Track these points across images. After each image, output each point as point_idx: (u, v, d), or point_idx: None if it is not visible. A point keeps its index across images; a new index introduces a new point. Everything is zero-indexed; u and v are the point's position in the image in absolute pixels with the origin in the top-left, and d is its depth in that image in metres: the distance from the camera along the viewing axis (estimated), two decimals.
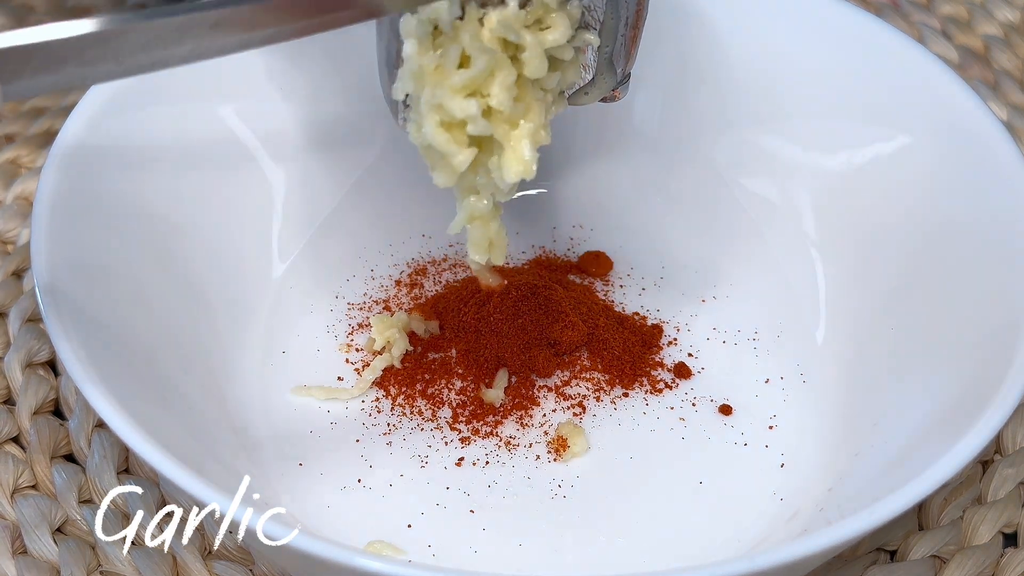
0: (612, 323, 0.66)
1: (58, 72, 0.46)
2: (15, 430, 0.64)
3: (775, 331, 0.66)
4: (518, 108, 0.54)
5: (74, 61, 0.46)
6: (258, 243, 0.66)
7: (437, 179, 0.55)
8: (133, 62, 0.48)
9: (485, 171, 0.56)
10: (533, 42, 0.54)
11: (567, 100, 0.58)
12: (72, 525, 0.61)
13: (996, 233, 0.59)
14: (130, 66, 0.48)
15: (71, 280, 0.55)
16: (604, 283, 0.68)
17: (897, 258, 0.63)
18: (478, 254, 0.58)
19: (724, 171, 0.69)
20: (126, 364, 0.56)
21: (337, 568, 0.49)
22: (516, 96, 0.54)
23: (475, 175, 0.56)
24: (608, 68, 0.58)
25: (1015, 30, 0.81)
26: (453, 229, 0.58)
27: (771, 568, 0.49)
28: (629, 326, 0.66)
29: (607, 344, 0.65)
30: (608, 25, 0.56)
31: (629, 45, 0.57)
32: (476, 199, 0.57)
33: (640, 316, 0.67)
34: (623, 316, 0.66)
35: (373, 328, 0.64)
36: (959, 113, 0.62)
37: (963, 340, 0.58)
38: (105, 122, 0.60)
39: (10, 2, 0.81)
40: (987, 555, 0.61)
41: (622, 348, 0.65)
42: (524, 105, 0.54)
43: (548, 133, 0.56)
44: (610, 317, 0.66)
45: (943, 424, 0.55)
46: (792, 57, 0.66)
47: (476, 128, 0.54)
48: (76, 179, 0.58)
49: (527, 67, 0.54)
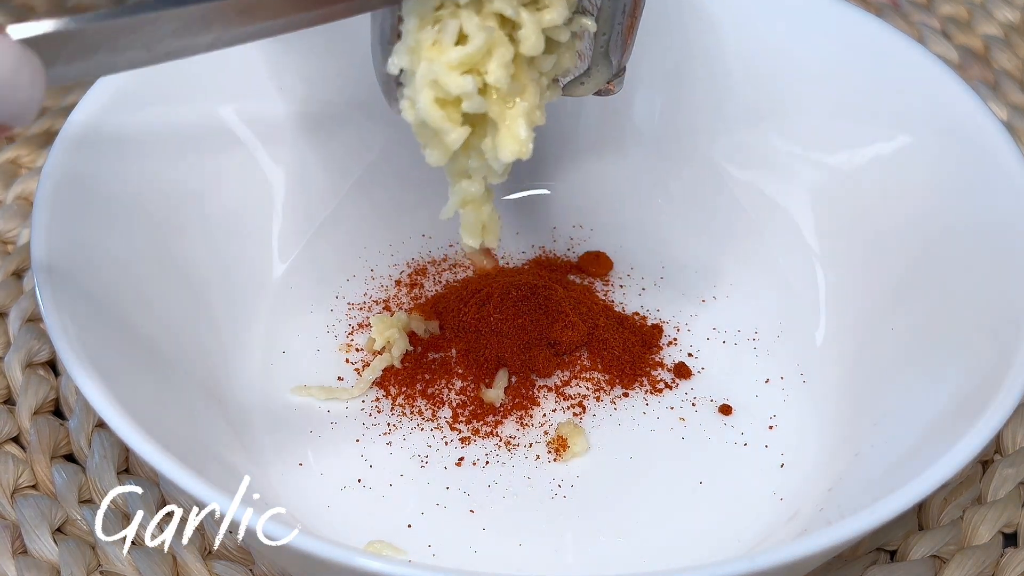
0: (612, 323, 0.66)
1: (90, 59, 0.47)
2: (15, 430, 0.64)
3: (775, 331, 0.66)
4: (514, 87, 0.54)
5: (106, 48, 0.47)
6: (258, 243, 0.66)
7: (429, 157, 0.55)
8: (161, 49, 0.48)
9: (478, 153, 0.56)
10: (530, 20, 0.54)
11: (563, 90, 0.58)
12: (72, 525, 0.61)
13: (996, 233, 0.59)
14: (158, 53, 0.48)
15: (71, 280, 0.55)
16: (604, 283, 0.68)
17: (897, 258, 0.63)
18: (471, 238, 0.58)
19: (724, 171, 0.69)
20: (126, 364, 0.56)
21: (337, 568, 0.49)
22: (512, 75, 0.54)
23: (467, 158, 0.56)
24: (604, 59, 0.58)
25: (1015, 30, 0.81)
26: (446, 214, 0.57)
27: (771, 568, 0.49)
28: (629, 326, 0.66)
29: (607, 344, 0.65)
30: (605, 12, 0.56)
31: (626, 35, 0.57)
32: (468, 183, 0.57)
33: (640, 316, 0.67)
34: (623, 316, 0.66)
35: (373, 328, 0.64)
36: (959, 113, 0.62)
37: (963, 340, 0.58)
38: (105, 122, 0.60)
39: (10, 2, 0.81)
40: (987, 555, 0.61)
41: (622, 348, 0.65)
42: (520, 84, 0.54)
43: (543, 114, 0.55)
44: (610, 317, 0.66)
45: (943, 424, 0.55)
46: (792, 57, 0.66)
47: (471, 105, 0.54)
48: (76, 179, 0.58)
49: (523, 44, 0.54)
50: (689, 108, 0.69)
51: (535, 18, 0.54)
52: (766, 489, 0.61)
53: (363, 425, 0.63)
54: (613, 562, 0.59)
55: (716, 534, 0.59)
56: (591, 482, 0.61)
